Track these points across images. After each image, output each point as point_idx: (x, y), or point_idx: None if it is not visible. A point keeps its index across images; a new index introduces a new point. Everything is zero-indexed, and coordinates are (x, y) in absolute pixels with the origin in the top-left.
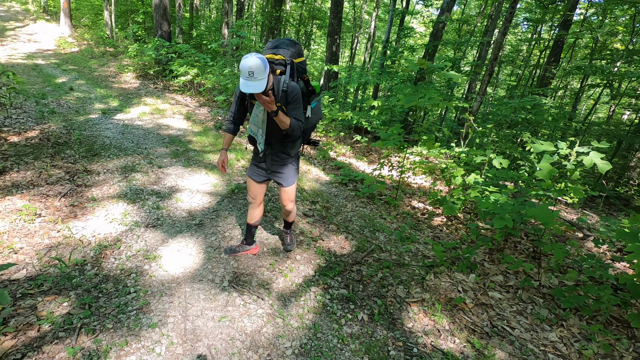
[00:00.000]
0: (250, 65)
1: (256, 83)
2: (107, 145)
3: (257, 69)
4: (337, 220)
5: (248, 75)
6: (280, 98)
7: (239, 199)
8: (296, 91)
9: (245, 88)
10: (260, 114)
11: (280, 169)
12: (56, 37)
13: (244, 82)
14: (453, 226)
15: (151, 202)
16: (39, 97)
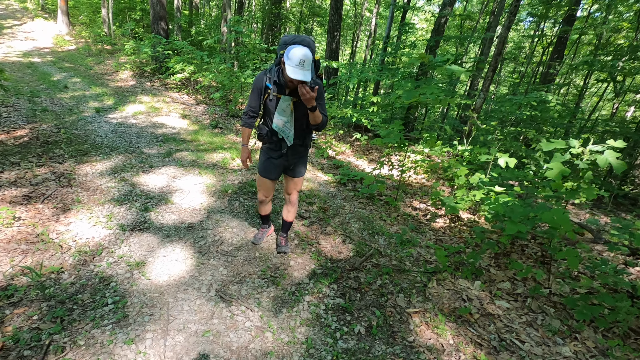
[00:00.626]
0: (305, 54)
1: (306, 72)
2: (98, 145)
3: (308, 59)
4: (334, 223)
5: (299, 63)
6: None
7: (232, 200)
8: (322, 87)
9: (295, 74)
10: (287, 109)
11: (298, 162)
12: (53, 35)
13: (294, 69)
14: (456, 228)
15: (139, 204)
16: (32, 95)
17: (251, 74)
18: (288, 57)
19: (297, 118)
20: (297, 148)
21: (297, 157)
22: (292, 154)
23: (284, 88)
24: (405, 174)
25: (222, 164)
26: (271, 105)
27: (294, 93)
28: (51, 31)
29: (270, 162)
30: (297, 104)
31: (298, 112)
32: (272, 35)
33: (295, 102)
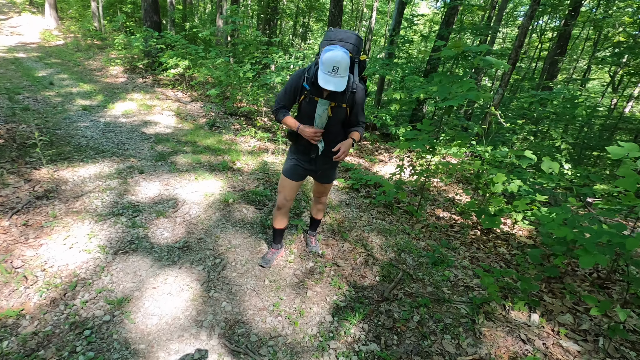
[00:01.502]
0: (338, 60)
1: (338, 80)
2: (82, 147)
3: (343, 65)
4: (352, 237)
5: (332, 71)
6: (347, 99)
7: (234, 211)
8: (363, 94)
9: (326, 84)
10: (324, 113)
11: (329, 168)
12: (41, 30)
13: (325, 77)
14: (490, 242)
15: (126, 219)
16: (13, 93)
17: (250, 69)
18: (322, 61)
19: (332, 124)
20: (328, 154)
21: (328, 164)
22: (322, 161)
23: (322, 90)
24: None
25: (220, 168)
26: (307, 107)
27: (332, 96)
28: (39, 26)
29: (297, 165)
30: (336, 109)
31: (334, 119)
32: (269, 30)
33: (333, 106)
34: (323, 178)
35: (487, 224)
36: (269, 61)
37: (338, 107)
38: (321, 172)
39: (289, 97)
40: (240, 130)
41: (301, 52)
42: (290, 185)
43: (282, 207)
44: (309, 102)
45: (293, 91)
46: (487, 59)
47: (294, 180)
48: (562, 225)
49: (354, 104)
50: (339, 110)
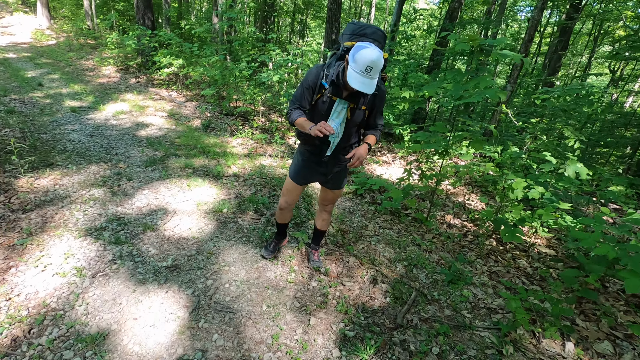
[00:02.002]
0: (374, 60)
1: (370, 82)
2: (67, 152)
3: (378, 66)
4: (358, 251)
5: (365, 70)
6: (367, 101)
7: (229, 222)
8: (384, 96)
9: (357, 84)
10: (343, 114)
11: (340, 172)
12: (33, 30)
13: (357, 76)
14: (508, 253)
15: (109, 234)
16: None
17: (246, 67)
18: (354, 59)
19: (348, 127)
20: (339, 157)
21: (339, 168)
22: (333, 163)
23: (341, 90)
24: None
25: (215, 173)
26: (322, 107)
27: (351, 97)
28: (31, 25)
29: (306, 167)
30: (354, 111)
31: (351, 121)
32: (266, 28)
33: (352, 108)
34: (332, 183)
35: (507, 237)
36: (265, 59)
37: (357, 109)
38: (331, 177)
39: (306, 96)
40: (236, 131)
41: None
42: (295, 189)
43: (284, 209)
44: (326, 101)
45: (311, 89)
46: (506, 52)
47: (300, 184)
48: (601, 242)
49: (374, 107)
50: (357, 113)
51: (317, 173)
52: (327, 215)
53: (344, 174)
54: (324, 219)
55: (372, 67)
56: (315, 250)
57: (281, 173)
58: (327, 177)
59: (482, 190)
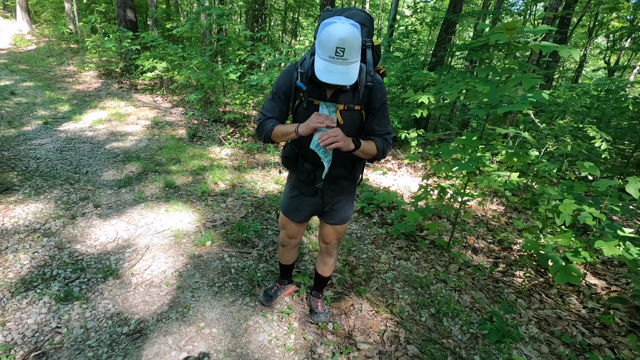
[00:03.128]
0: (344, 37)
1: (346, 68)
2: (29, 173)
3: (352, 44)
4: (372, 293)
5: (335, 54)
6: (362, 98)
7: (213, 260)
8: (384, 89)
9: (327, 75)
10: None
11: (339, 202)
12: (12, 35)
13: (326, 64)
14: (553, 288)
15: (59, 285)
16: None
17: (235, 70)
18: (319, 41)
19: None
20: (339, 182)
21: (339, 195)
22: (331, 190)
23: (323, 89)
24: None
25: (199, 193)
26: (304, 116)
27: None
28: (10, 31)
29: (298, 199)
30: (346, 113)
31: (345, 128)
32: (257, 27)
33: (342, 110)
34: (333, 217)
35: (560, 278)
36: (255, 59)
37: (349, 111)
38: (330, 208)
39: (278, 104)
40: (225, 140)
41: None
42: (291, 225)
43: (287, 244)
44: (308, 107)
45: (284, 95)
46: (548, 44)
47: (296, 221)
48: None
49: (371, 105)
50: (351, 116)
51: (313, 205)
52: (330, 258)
53: (348, 204)
54: (327, 262)
55: (345, 48)
56: (318, 299)
57: (275, 189)
58: (324, 209)
59: (505, 202)
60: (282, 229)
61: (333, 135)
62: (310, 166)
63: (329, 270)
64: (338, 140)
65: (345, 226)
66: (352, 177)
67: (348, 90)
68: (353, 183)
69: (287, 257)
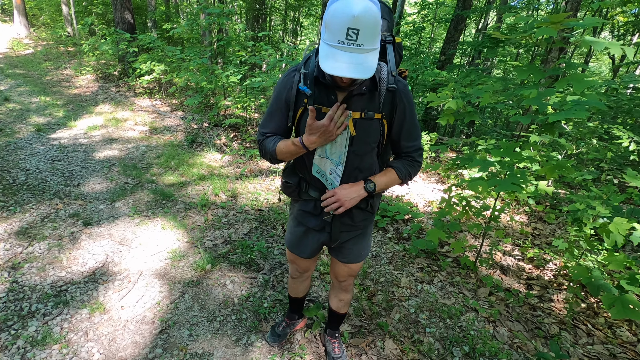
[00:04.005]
0: (356, 15)
1: (360, 57)
2: (16, 186)
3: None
4: (394, 325)
5: (346, 39)
6: (383, 104)
7: (213, 287)
8: (410, 94)
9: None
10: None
11: (353, 238)
12: (10, 39)
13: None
14: (599, 317)
15: (36, 326)
16: None
17: (235, 71)
18: (325, 24)
19: (359, 153)
20: (352, 215)
21: (353, 230)
22: (342, 224)
23: (333, 91)
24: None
25: (199, 206)
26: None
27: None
28: (8, 35)
29: (303, 232)
30: (363, 123)
31: (360, 142)
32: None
33: (359, 118)
34: (345, 255)
35: (617, 313)
36: (256, 60)
37: (368, 120)
38: (339, 244)
39: (279, 117)
40: (226, 146)
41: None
42: (299, 261)
43: (297, 277)
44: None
45: (284, 105)
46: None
47: (303, 257)
48: None
49: (396, 113)
50: (369, 126)
51: (320, 240)
52: (344, 293)
53: (364, 240)
54: (341, 298)
55: (359, 29)
56: (334, 338)
57: (282, 201)
58: (332, 245)
59: (528, 210)
60: (290, 264)
61: (332, 201)
62: (317, 194)
63: (345, 307)
64: (341, 204)
65: (360, 264)
66: (370, 208)
67: (365, 93)
68: (370, 215)
69: (298, 290)
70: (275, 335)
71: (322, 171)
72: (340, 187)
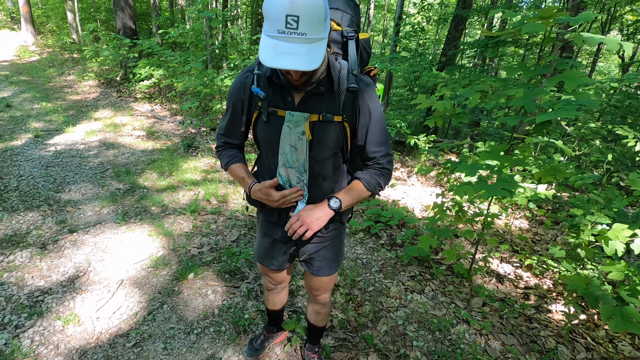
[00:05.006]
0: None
1: (303, 47)
2: (7, 193)
3: (307, 10)
4: (380, 338)
5: (286, 27)
6: (344, 105)
7: (194, 297)
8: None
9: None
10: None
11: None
12: (17, 47)
13: (273, 43)
14: (600, 330)
15: (5, 339)
16: None
17: (230, 76)
18: (264, 12)
19: (319, 159)
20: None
21: (321, 241)
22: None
23: (289, 92)
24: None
25: (189, 212)
26: (265, 133)
27: (310, 102)
28: (16, 42)
29: (270, 244)
30: (321, 126)
31: (319, 147)
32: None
33: (318, 121)
34: (314, 266)
35: (616, 326)
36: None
37: (326, 123)
38: (307, 257)
39: (234, 121)
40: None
41: None
42: (269, 273)
43: (272, 289)
44: (269, 121)
45: (239, 109)
46: (594, 36)
47: (273, 269)
48: None
49: (358, 116)
50: (328, 130)
51: (288, 252)
52: (319, 306)
53: (335, 251)
54: (318, 311)
55: (298, 16)
56: (314, 353)
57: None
58: (300, 257)
59: (529, 215)
60: (263, 276)
61: (297, 225)
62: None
63: (323, 321)
64: (307, 227)
65: (333, 277)
66: (339, 218)
67: (324, 94)
68: (340, 225)
69: (275, 302)
70: (252, 349)
71: (289, 181)
72: (304, 208)
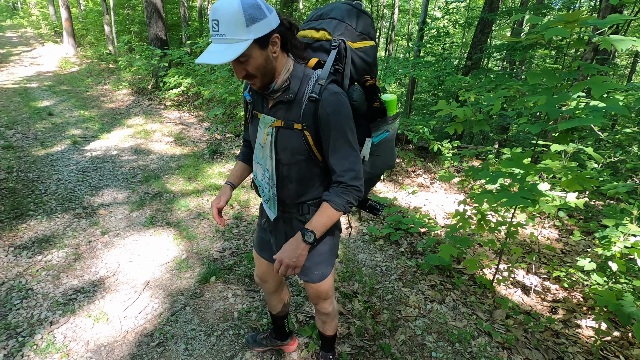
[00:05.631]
0: (215, 7)
1: (222, 47)
2: (47, 196)
3: (224, 15)
4: (398, 348)
5: (213, 31)
6: (303, 113)
7: (214, 300)
8: (338, 104)
9: (203, 55)
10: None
11: None
12: (59, 59)
13: (210, 45)
14: (635, 349)
15: (41, 334)
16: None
17: None
18: None
19: (288, 167)
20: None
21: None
22: (280, 233)
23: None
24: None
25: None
26: (252, 131)
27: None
28: (58, 54)
29: (261, 232)
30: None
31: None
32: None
33: (281, 127)
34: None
35: None
36: None
37: (287, 130)
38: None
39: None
40: None
41: None
42: (258, 261)
43: (259, 283)
44: (252, 122)
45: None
46: (624, 38)
47: (262, 256)
48: None
49: (319, 126)
50: (289, 136)
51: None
52: (327, 317)
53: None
54: (325, 321)
55: (218, 19)
56: None
57: None
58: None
59: (559, 224)
60: (255, 267)
61: (283, 271)
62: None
63: (330, 330)
64: (294, 266)
65: (324, 285)
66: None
67: (288, 102)
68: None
69: (270, 303)
70: (252, 339)
71: (257, 178)
72: (282, 250)
